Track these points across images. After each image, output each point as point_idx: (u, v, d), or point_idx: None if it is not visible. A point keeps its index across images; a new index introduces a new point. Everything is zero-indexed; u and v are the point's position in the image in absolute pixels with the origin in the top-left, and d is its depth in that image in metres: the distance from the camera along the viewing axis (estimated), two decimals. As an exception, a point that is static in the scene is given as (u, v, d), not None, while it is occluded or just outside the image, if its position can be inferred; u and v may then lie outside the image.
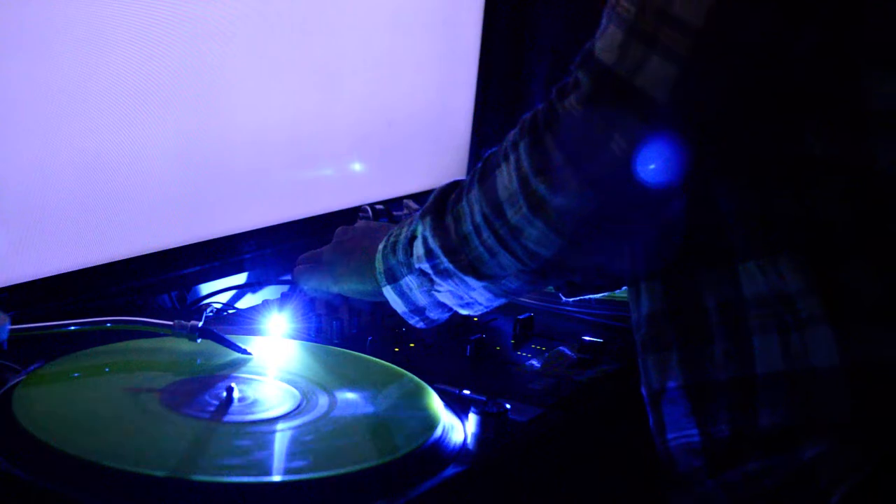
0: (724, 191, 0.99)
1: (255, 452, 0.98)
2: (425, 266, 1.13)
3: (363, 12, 1.65)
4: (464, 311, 1.18)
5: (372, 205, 1.63)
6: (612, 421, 1.28)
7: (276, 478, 0.94)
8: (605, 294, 1.38)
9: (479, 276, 1.09)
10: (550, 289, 1.39)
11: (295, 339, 1.31)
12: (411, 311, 1.19)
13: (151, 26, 1.35)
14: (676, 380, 1.03)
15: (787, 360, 0.96)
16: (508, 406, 1.11)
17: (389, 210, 1.63)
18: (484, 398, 1.13)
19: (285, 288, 1.56)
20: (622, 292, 1.44)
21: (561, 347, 1.31)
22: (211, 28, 1.42)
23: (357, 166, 1.73)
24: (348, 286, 1.26)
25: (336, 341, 1.32)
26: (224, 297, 1.59)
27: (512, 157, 1.03)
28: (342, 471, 0.95)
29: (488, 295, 1.12)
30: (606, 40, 0.97)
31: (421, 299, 1.17)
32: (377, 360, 1.23)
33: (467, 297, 1.14)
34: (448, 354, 1.32)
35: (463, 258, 1.09)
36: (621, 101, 0.95)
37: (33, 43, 1.22)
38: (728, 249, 0.99)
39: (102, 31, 1.29)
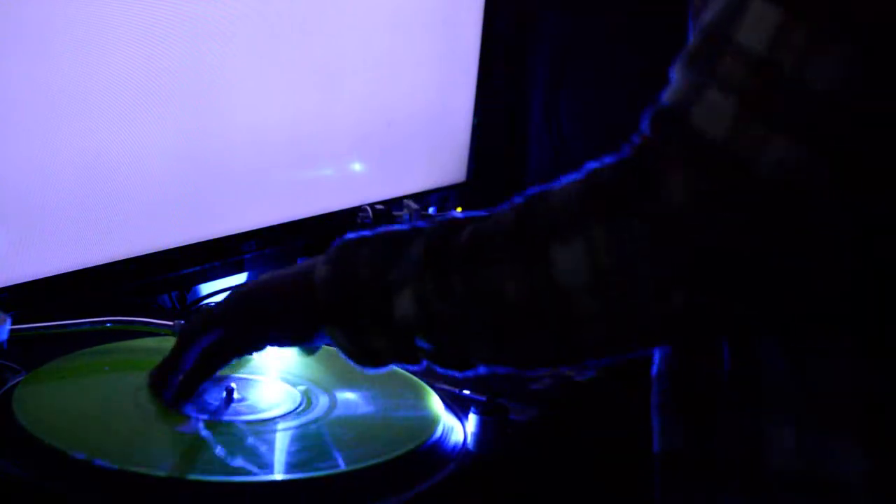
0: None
1: (254, 452, 0.98)
2: None
3: (363, 12, 1.65)
4: None
5: (372, 205, 1.63)
6: (611, 421, 1.28)
7: (276, 477, 0.94)
8: None
9: None
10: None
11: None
12: None
13: (151, 26, 1.35)
14: (683, 444, 0.95)
15: (803, 460, 0.87)
16: (509, 406, 1.11)
17: (390, 210, 1.63)
18: (484, 398, 1.13)
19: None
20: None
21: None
22: (211, 28, 1.42)
23: (357, 166, 1.73)
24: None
25: (336, 341, 1.32)
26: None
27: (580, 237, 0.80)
28: (342, 470, 0.95)
29: None
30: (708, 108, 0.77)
31: None
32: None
33: None
34: (448, 354, 1.31)
35: None
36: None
37: (33, 43, 1.22)
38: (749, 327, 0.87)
39: (102, 31, 1.29)
